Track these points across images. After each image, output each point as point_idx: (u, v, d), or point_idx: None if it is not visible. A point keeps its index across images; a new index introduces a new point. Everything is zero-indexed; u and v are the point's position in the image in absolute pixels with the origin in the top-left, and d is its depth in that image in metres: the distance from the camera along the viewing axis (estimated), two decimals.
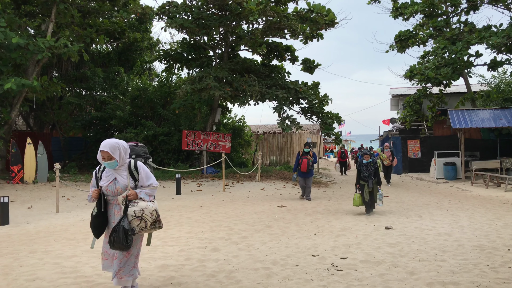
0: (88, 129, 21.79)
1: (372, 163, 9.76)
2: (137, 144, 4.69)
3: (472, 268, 5.48)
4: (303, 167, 12.03)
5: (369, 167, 9.73)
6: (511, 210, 10.33)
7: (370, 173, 9.68)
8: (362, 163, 9.81)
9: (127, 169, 4.23)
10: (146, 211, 4.12)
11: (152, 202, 4.24)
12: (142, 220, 4.08)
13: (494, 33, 17.92)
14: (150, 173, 4.36)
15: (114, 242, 4.02)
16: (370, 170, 9.71)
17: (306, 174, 12.22)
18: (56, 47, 14.38)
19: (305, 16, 17.51)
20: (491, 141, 20.46)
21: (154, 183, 4.32)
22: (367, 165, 9.74)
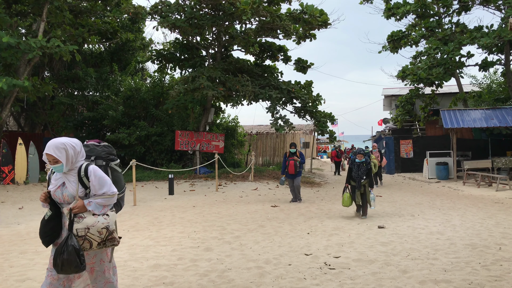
0: (80, 129, 21.66)
1: (365, 163, 9.22)
2: (100, 143, 3.88)
3: (464, 266, 5.50)
4: (290, 169, 11.48)
5: (361, 167, 9.20)
6: (502, 209, 10.40)
7: (361, 173, 9.17)
8: (354, 162, 9.29)
9: (76, 175, 3.45)
10: (93, 230, 3.34)
11: (104, 216, 3.44)
12: (86, 241, 3.32)
13: (485, 33, 18.07)
14: (106, 179, 3.50)
15: (63, 266, 3.25)
16: (361, 170, 9.19)
17: (293, 176, 11.68)
18: (47, 47, 14.27)
19: (298, 17, 17.55)
20: (482, 141, 20.61)
21: (110, 191, 3.47)
22: (359, 165, 9.22)
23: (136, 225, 8.60)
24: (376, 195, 13.44)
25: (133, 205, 11.35)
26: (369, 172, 9.26)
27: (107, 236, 3.43)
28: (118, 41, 20.95)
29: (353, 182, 9.29)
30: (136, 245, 6.87)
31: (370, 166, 9.33)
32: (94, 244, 3.38)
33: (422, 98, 21.90)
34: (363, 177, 9.17)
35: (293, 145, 11.79)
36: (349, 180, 9.38)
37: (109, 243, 3.48)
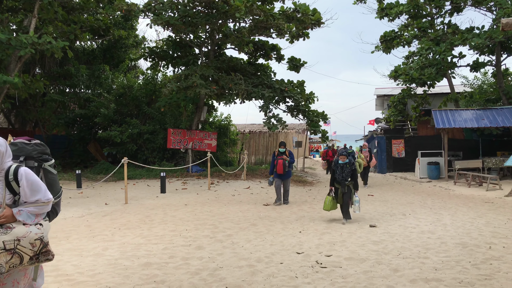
0: (71, 127, 21.51)
1: (349, 165, 8.68)
2: (30, 141, 3.23)
3: (455, 265, 5.54)
4: (279, 168, 10.95)
5: (345, 168, 8.68)
6: (492, 208, 10.49)
7: (345, 175, 8.66)
8: (337, 163, 8.80)
9: (3, 178, 2.87)
10: (24, 241, 2.75)
11: (38, 226, 2.86)
12: (15, 255, 2.71)
13: (476, 34, 18.20)
14: (39, 183, 2.95)
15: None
16: (345, 172, 8.68)
17: (283, 176, 11.14)
18: (39, 44, 14.13)
19: (291, 16, 17.54)
20: (473, 141, 20.77)
21: (44, 198, 2.93)
22: (343, 166, 8.69)
23: (128, 223, 8.55)
24: (368, 194, 13.52)
25: (125, 203, 11.29)
26: (353, 174, 8.76)
27: (40, 249, 2.84)
28: (111, 38, 20.80)
29: (338, 184, 8.82)
30: (127, 243, 6.83)
31: (354, 167, 8.80)
32: (26, 259, 2.77)
33: (414, 98, 22.02)
34: (348, 179, 8.70)
35: (282, 144, 11.31)
36: (333, 182, 8.91)
37: (42, 257, 2.86)
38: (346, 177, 8.70)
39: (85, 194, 13.09)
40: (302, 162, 25.05)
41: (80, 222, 8.74)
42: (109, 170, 17.19)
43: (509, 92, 19.54)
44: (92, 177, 16.86)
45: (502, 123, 16.98)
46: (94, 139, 20.76)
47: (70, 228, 8.04)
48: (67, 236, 7.36)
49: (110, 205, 11.08)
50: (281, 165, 10.93)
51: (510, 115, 17.31)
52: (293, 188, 15.33)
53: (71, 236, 7.37)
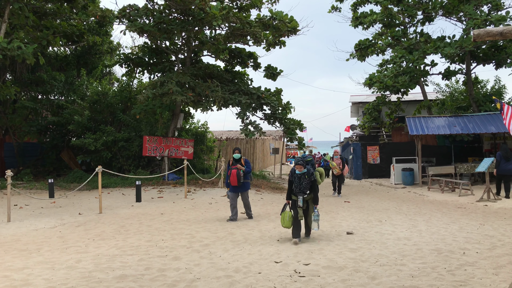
0: (44, 134, 20.97)
1: (307, 175, 7.59)
2: None
3: (431, 272, 5.60)
4: (232, 179, 9.59)
5: (303, 179, 7.57)
6: (465, 214, 10.71)
7: (303, 187, 7.58)
8: (294, 173, 7.70)
9: None
10: None
11: None
12: None
13: (447, 43, 18.68)
14: None
15: None
16: (303, 183, 7.57)
17: (238, 189, 9.76)
18: (8, 49, 13.76)
19: (267, 23, 17.62)
20: (446, 148, 21.25)
21: None
22: (300, 177, 7.59)
23: (102, 233, 8.36)
24: (344, 201, 13.62)
25: (99, 212, 11.04)
26: (313, 186, 7.66)
27: None
28: (85, 44, 20.44)
29: (295, 197, 7.74)
30: (102, 254, 6.66)
31: (314, 178, 7.67)
32: None
33: (388, 105, 22.42)
34: (306, 192, 7.59)
35: (237, 149, 10.07)
36: (290, 195, 7.87)
37: None
38: (304, 189, 7.57)
39: (57, 204, 12.75)
40: (279, 168, 25.10)
41: (52, 233, 8.49)
42: (83, 178, 16.82)
43: (479, 100, 20.11)
44: (65, 186, 16.46)
45: (473, 129, 17.43)
46: (67, 146, 20.30)
47: (41, 240, 7.80)
48: (38, 248, 7.13)
49: (84, 215, 10.81)
50: (235, 176, 9.59)
51: (480, 122, 17.80)
52: (270, 195, 15.33)
53: (43, 248, 7.14)
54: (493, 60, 20.03)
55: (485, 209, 11.58)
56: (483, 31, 4.21)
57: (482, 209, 11.48)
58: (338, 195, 15.18)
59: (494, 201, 12.88)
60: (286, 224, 7.66)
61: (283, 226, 7.73)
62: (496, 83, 22.42)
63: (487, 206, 12.03)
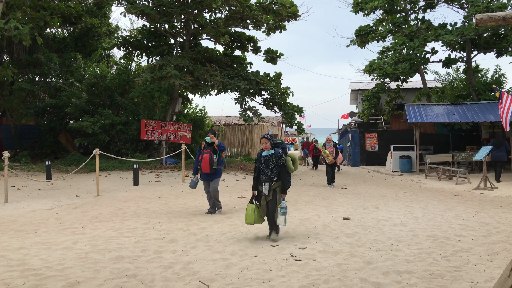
0: (41, 116, 20.89)
1: (275, 158, 6.43)
2: None
3: (426, 257, 5.63)
4: (204, 166, 8.39)
5: (270, 163, 6.45)
6: (461, 201, 10.75)
7: (270, 173, 6.44)
8: (260, 156, 6.59)
9: None
10: None
11: None
12: None
13: (449, 31, 18.55)
14: None
15: None
16: (270, 168, 6.44)
17: (209, 176, 8.53)
18: (5, 29, 13.60)
19: (268, 8, 17.44)
20: (444, 136, 21.26)
21: None
22: (267, 160, 6.47)
23: (99, 215, 8.37)
24: (342, 187, 13.65)
25: (96, 195, 11.05)
26: (281, 171, 6.46)
27: None
28: (83, 26, 20.21)
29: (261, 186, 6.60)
30: (98, 236, 6.68)
31: (283, 162, 6.49)
32: None
33: (388, 92, 22.34)
34: (274, 179, 6.46)
35: (211, 132, 8.73)
36: (256, 184, 6.69)
37: None
38: (272, 175, 6.45)
39: (55, 186, 12.75)
40: None
41: (50, 214, 8.50)
42: (80, 161, 16.80)
43: (479, 88, 20.05)
44: (63, 169, 16.45)
45: (472, 118, 17.42)
46: (65, 129, 20.23)
47: (38, 221, 7.81)
48: (35, 229, 7.14)
49: (81, 197, 10.82)
50: (207, 161, 8.38)
51: (479, 111, 17.77)
52: None
53: (40, 229, 7.15)
54: (494, 48, 19.92)
55: (481, 197, 11.62)
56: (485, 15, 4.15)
57: (478, 197, 11.53)
58: (330, 185, 13.95)
59: (490, 190, 12.93)
60: (249, 219, 6.48)
61: (246, 222, 6.53)
62: (496, 71, 22.34)
63: (484, 194, 12.07)
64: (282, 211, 6.28)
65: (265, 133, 6.12)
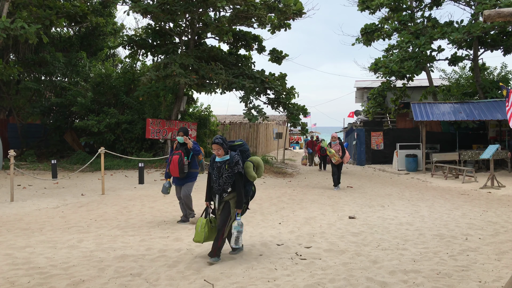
0: (47, 115, 20.96)
1: (229, 164, 5.32)
2: None
3: (433, 256, 5.58)
4: (172, 169, 7.25)
5: (223, 170, 5.34)
6: (468, 200, 10.66)
7: (223, 182, 5.34)
8: (213, 161, 5.47)
9: None
10: None
11: None
12: None
13: (455, 29, 18.41)
14: None
15: None
16: (224, 176, 5.33)
17: (181, 181, 7.41)
18: (11, 29, 13.65)
19: (272, 6, 17.39)
20: (450, 134, 21.11)
21: None
22: (220, 167, 5.37)
23: (104, 214, 8.37)
24: (347, 186, 13.57)
25: (101, 194, 11.06)
26: (237, 181, 5.33)
27: None
28: (88, 25, 20.28)
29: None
30: (103, 234, 6.68)
31: (239, 169, 5.33)
32: None
33: (394, 91, 22.22)
34: (227, 189, 5.36)
35: (182, 131, 7.50)
36: (210, 195, 5.63)
37: None
38: (225, 185, 5.35)
39: (60, 185, 12.79)
40: (282, 153, 25.06)
41: (55, 213, 8.52)
42: (86, 160, 16.84)
43: (485, 86, 19.89)
44: (69, 167, 16.50)
45: (479, 116, 17.27)
46: (70, 128, 20.30)
47: (44, 220, 7.82)
48: (40, 227, 7.15)
49: (87, 196, 10.84)
50: (176, 164, 7.21)
51: (486, 109, 17.63)
52: (273, 179, 15.32)
53: (45, 227, 7.16)
54: (501, 46, 19.76)
55: (488, 196, 11.52)
56: (494, 11, 4.09)
57: (485, 196, 11.43)
58: (337, 187, 12.90)
59: (497, 188, 12.82)
60: (197, 236, 5.41)
61: (194, 240, 5.45)
62: (503, 69, 22.15)
63: (491, 193, 11.97)
64: (235, 229, 5.26)
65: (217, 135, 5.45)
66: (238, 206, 5.33)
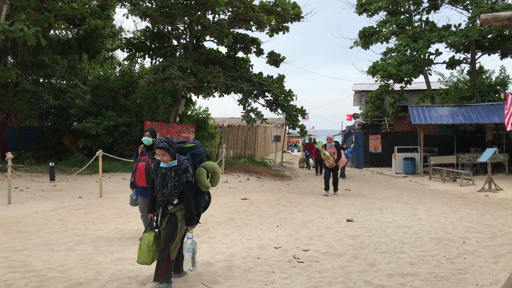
0: (45, 118, 20.91)
1: (175, 172, 4.41)
2: None
3: (430, 260, 5.58)
4: (138, 177, 6.14)
5: (168, 178, 4.43)
6: (466, 203, 10.68)
7: (168, 194, 4.42)
8: (157, 168, 4.56)
9: None
10: None
11: None
12: None
13: (453, 32, 18.48)
14: None
15: None
16: (169, 185, 4.41)
17: (147, 191, 5.99)
18: (10, 31, 13.64)
19: (271, 9, 17.43)
20: (448, 137, 21.16)
21: None
22: (165, 175, 4.45)
23: (102, 217, 8.36)
24: (345, 189, 13.58)
25: (99, 196, 11.05)
26: (185, 191, 4.39)
27: None
28: (87, 28, 20.26)
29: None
30: (101, 237, 6.67)
31: (188, 178, 4.39)
32: None
33: (392, 94, 22.27)
34: (173, 201, 4.45)
35: (148, 131, 6.34)
36: (153, 205, 4.63)
37: None
38: (170, 196, 4.44)
39: (58, 187, 12.76)
40: (280, 156, 25.07)
41: (52, 215, 8.50)
42: (84, 162, 16.80)
43: (483, 90, 19.95)
44: (66, 170, 16.46)
45: (476, 120, 17.33)
46: (68, 131, 20.25)
47: (41, 222, 7.81)
48: (38, 230, 7.13)
49: (84, 198, 10.82)
50: (142, 172, 6.08)
51: (484, 112, 17.68)
52: (271, 182, 15.32)
53: (42, 230, 7.15)
54: (499, 49, 19.84)
55: (486, 199, 11.55)
56: (490, 15, 4.11)
57: (483, 199, 11.45)
58: (334, 193, 12.06)
59: (495, 192, 12.85)
60: (142, 256, 4.43)
61: (139, 262, 4.45)
62: (501, 73, 22.24)
63: (488, 196, 12.00)
64: (188, 251, 4.37)
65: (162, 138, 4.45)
66: (188, 223, 4.40)
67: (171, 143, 4.47)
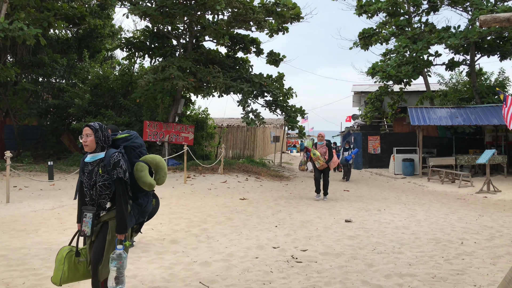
0: (44, 117, 20.90)
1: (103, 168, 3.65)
2: None
3: (428, 260, 5.59)
4: None
5: (96, 176, 3.64)
6: (464, 205, 10.69)
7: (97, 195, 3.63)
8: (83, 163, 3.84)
9: None
10: None
11: None
12: None
13: (452, 34, 18.50)
14: None
15: None
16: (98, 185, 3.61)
17: None
18: (9, 30, 13.63)
19: (271, 9, 17.44)
20: (447, 139, 21.18)
21: None
22: (92, 171, 3.68)
23: None
24: (344, 190, 13.59)
25: None
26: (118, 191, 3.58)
27: None
28: (86, 27, 20.27)
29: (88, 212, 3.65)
30: None
31: (118, 174, 3.58)
32: None
33: (391, 95, 22.29)
34: (104, 204, 3.65)
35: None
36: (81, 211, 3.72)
37: None
38: (100, 198, 3.64)
39: (57, 186, 12.75)
40: (279, 157, 25.08)
41: (51, 214, 8.49)
42: None
43: (482, 92, 19.98)
44: (65, 169, 16.45)
45: (475, 121, 17.34)
46: (67, 130, 20.25)
47: (40, 221, 7.80)
48: (36, 229, 7.12)
49: None
50: None
51: (483, 114, 17.70)
52: (270, 183, 15.32)
53: (41, 229, 7.14)
54: (498, 51, 19.87)
55: (484, 200, 11.56)
56: (489, 17, 4.12)
57: (481, 201, 11.46)
58: (323, 198, 11.09)
59: (493, 193, 12.86)
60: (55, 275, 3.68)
61: (52, 281, 3.70)
62: (500, 75, 22.27)
63: (487, 198, 12.01)
64: (113, 265, 3.46)
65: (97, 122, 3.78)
66: (119, 230, 3.52)
67: (103, 128, 3.77)
